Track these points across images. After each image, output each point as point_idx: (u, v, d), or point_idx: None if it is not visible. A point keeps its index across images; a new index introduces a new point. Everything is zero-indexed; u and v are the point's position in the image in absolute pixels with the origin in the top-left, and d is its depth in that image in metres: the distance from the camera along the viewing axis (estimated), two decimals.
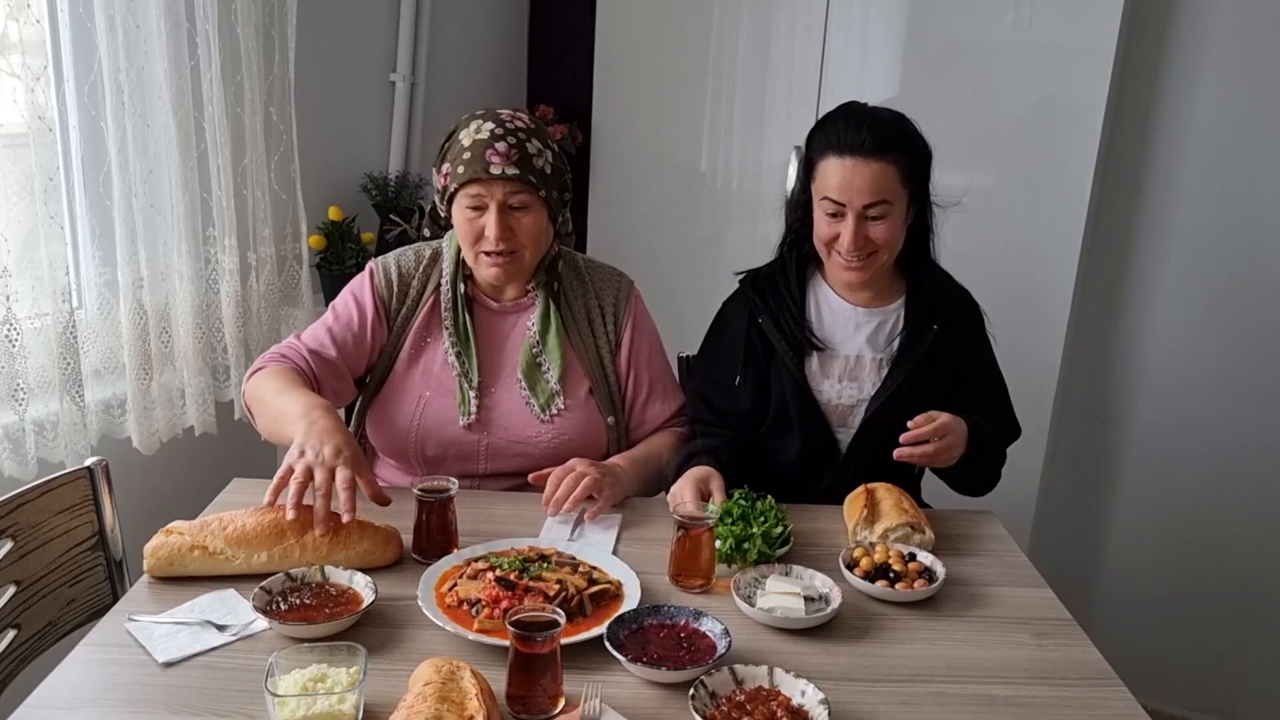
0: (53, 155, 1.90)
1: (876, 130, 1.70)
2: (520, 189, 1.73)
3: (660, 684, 1.25)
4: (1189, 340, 2.69)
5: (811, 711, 1.18)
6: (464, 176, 1.72)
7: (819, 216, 1.77)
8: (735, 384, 1.85)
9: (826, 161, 1.73)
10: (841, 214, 1.72)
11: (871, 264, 1.76)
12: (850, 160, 1.69)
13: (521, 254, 1.78)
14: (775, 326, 1.83)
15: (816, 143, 1.76)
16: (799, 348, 1.82)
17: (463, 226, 1.77)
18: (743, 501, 1.59)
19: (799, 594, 1.44)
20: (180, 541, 1.42)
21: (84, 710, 1.17)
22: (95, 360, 2.14)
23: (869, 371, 1.84)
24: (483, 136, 1.73)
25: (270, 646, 1.29)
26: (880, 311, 1.85)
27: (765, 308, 1.85)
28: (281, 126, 2.40)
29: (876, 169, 1.69)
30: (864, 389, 1.83)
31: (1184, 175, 2.61)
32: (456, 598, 1.38)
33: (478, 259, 1.79)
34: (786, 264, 1.88)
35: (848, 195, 1.70)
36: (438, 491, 1.53)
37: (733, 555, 1.51)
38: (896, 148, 1.71)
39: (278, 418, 1.64)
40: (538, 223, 1.78)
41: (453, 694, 1.12)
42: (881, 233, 1.73)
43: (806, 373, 1.83)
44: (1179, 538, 2.77)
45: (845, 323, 1.85)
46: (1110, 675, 1.34)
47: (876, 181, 1.69)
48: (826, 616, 1.40)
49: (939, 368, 1.82)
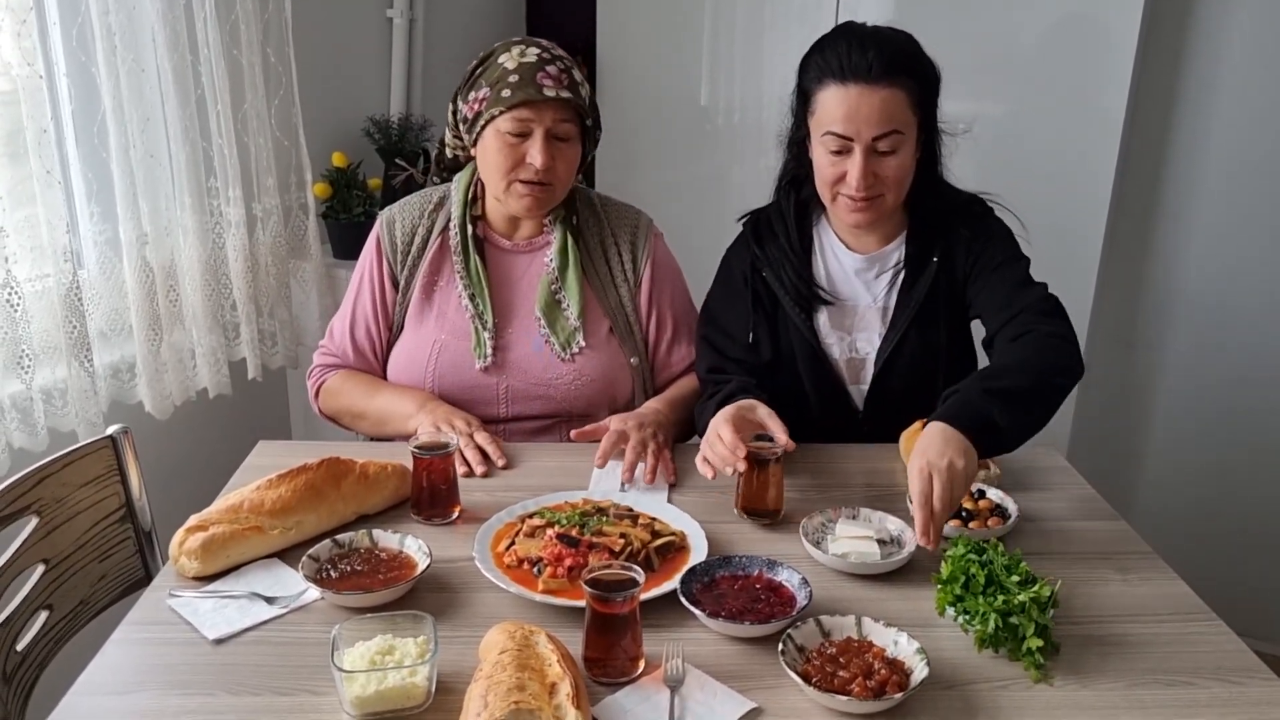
0: (42, 105, 1.78)
1: (883, 52, 1.51)
2: (567, 117, 1.67)
3: (740, 639, 1.19)
4: (1225, 258, 2.62)
5: (908, 662, 1.11)
6: (512, 99, 1.63)
7: (820, 155, 1.59)
8: (749, 338, 1.72)
9: (826, 91, 1.55)
10: (848, 149, 1.55)
11: (881, 204, 1.60)
12: (855, 87, 1.51)
13: (555, 187, 1.71)
14: (778, 280, 1.70)
15: (813, 70, 1.58)
16: (806, 303, 1.70)
17: (498, 154, 1.67)
18: (972, 555, 1.22)
19: (872, 537, 1.37)
20: (223, 531, 1.31)
21: (136, 694, 1.10)
22: (100, 322, 2.04)
23: (872, 320, 1.71)
24: (530, 60, 1.65)
25: (324, 618, 1.22)
26: (879, 255, 1.70)
27: (766, 258, 1.71)
28: (280, 68, 2.28)
29: (885, 95, 1.51)
30: (871, 340, 1.71)
31: (1219, 86, 2.52)
32: (516, 557, 1.31)
33: (509, 188, 1.70)
34: (785, 214, 1.73)
35: (854, 127, 1.52)
36: (437, 447, 1.45)
37: (999, 639, 1.16)
38: (905, 70, 1.53)
39: (386, 420, 1.75)
40: (576, 155, 1.72)
41: (531, 661, 1.05)
42: (892, 168, 1.56)
43: (816, 328, 1.71)
44: (1216, 463, 2.73)
45: (852, 271, 1.71)
46: (1204, 609, 1.29)
47: (886, 109, 1.52)
48: (902, 560, 1.34)
49: (944, 305, 1.67)
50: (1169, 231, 2.67)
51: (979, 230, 1.67)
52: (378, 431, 1.79)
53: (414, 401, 1.72)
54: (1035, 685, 1.13)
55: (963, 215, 1.69)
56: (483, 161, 1.72)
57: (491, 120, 1.67)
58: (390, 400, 1.75)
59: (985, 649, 1.17)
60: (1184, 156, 2.60)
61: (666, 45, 2.88)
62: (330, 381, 1.84)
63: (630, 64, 2.94)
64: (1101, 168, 2.48)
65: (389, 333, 1.84)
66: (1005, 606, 1.15)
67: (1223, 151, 2.56)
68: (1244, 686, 1.13)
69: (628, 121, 2.97)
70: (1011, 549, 1.31)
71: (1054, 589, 1.18)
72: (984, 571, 1.20)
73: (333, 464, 1.43)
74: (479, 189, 1.80)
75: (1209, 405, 2.72)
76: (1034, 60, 2.49)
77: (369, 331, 1.83)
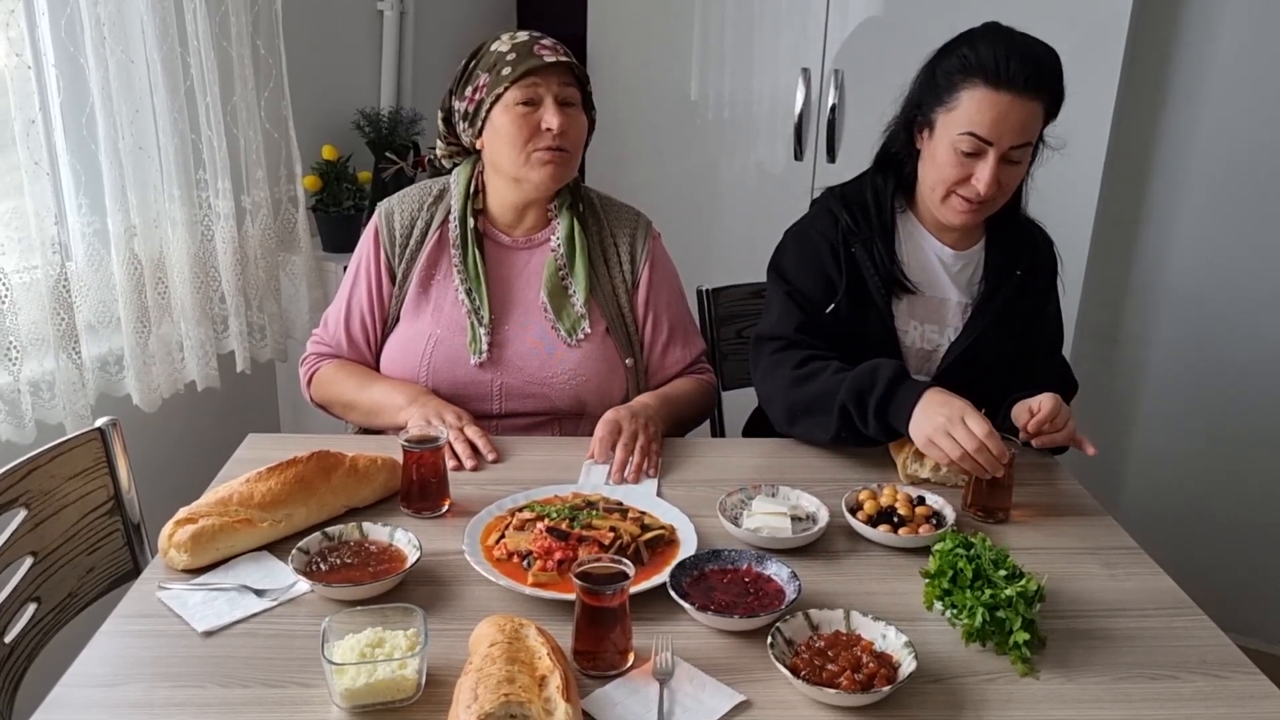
0: (30, 95, 1.77)
1: (1039, 65, 1.53)
2: (571, 81, 1.70)
3: (730, 632, 1.20)
4: (1210, 255, 2.64)
5: (896, 655, 1.12)
6: (516, 72, 1.66)
7: (946, 151, 1.58)
8: (829, 307, 1.70)
9: (974, 91, 1.54)
10: (982, 153, 1.56)
11: (989, 209, 1.63)
12: (1007, 95, 1.52)
13: (571, 154, 1.73)
14: (869, 256, 1.69)
15: (956, 64, 1.57)
16: (890, 286, 1.70)
17: (512, 126, 1.68)
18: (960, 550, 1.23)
19: (786, 513, 1.40)
20: (212, 524, 1.31)
21: (126, 686, 1.09)
22: (88, 315, 2.03)
23: (953, 316, 1.74)
24: (522, 39, 1.70)
25: (313, 610, 1.22)
26: (965, 254, 1.74)
27: (858, 233, 1.70)
28: (270, 60, 2.27)
29: (1032, 108, 1.54)
30: (945, 333, 1.74)
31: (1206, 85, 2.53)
32: (505, 550, 1.31)
33: (529, 160, 1.70)
34: (879, 194, 1.72)
35: (998, 133, 1.53)
36: (426, 441, 1.45)
37: (986, 633, 1.18)
38: (1048, 87, 1.56)
39: (376, 411, 1.75)
40: (584, 124, 1.75)
41: (521, 654, 1.06)
42: (1014, 176, 1.60)
43: (895, 313, 1.71)
44: (1202, 459, 2.75)
45: (934, 263, 1.73)
46: (1188, 604, 1.30)
47: (1029, 121, 1.54)
48: (813, 536, 1.38)
49: (1017, 316, 1.73)
50: (1155, 228, 2.69)
51: (1055, 276, 1.80)
52: (368, 423, 1.79)
53: (405, 394, 1.72)
54: (1022, 678, 1.14)
55: (1044, 251, 1.79)
56: (494, 144, 1.71)
57: (498, 99, 1.68)
58: (382, 392, 1.75)
59: (973, 642, 1.18)
60: (1171, 154, 2.62)
61: (657, 39, 2.88)
62: (323, 371, 1.84)
63: (620, 58, 2.93)
64: (1089, 165, 2.49)
65: (384, 325, 1.83)
66: (992, 600, 1.16)
67: (1209, 150, 2.57)
68: (1228, 680, 1.14)
69: (618, 116, 2.96)
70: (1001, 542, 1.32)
71: (1040, 583, 1.19)
72: (971, 566, 1.20)
73: (322, 457, 1.42)
74: (479, 182, 1.80)
75: (1195, 401, 2.74)
76: None
77: (364, 323, 1.83)
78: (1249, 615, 2.69)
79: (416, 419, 1.64)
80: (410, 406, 1.69)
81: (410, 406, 1.69)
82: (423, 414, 1.66)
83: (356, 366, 1.83)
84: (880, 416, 1.53)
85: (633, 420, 1.63)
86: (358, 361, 1.84)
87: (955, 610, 1.20)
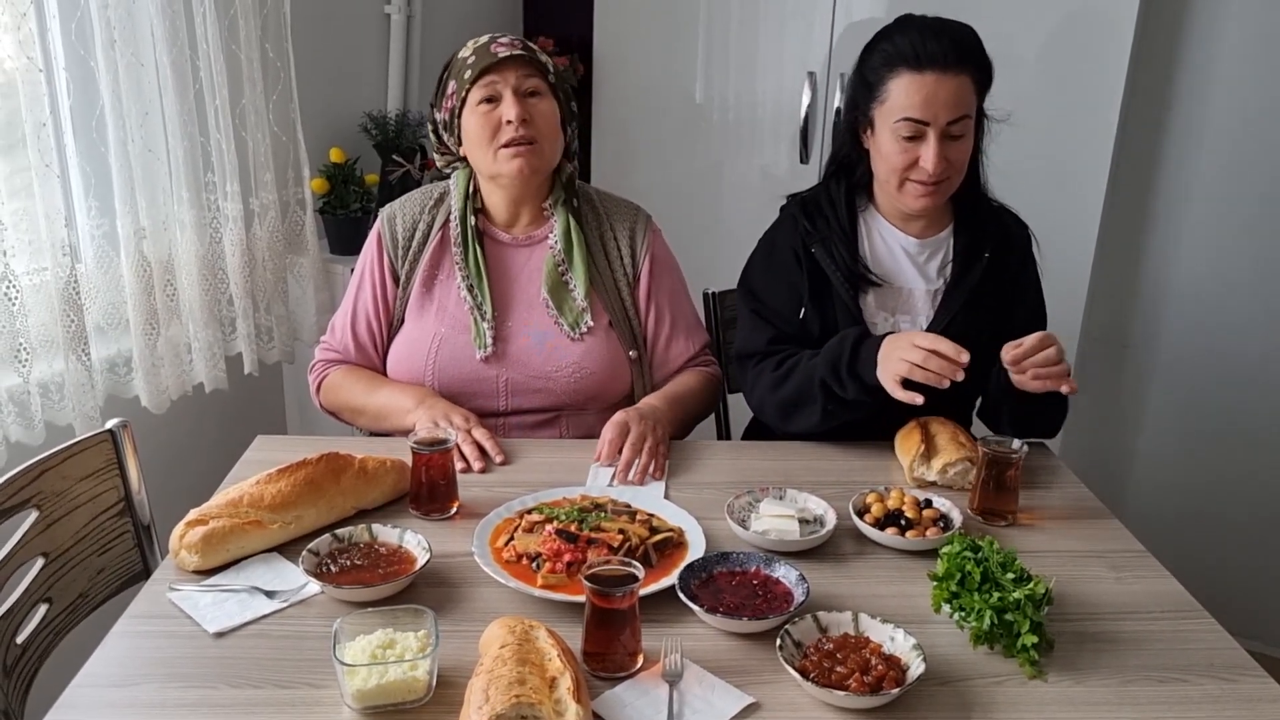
0: (41, 98, 1.78)
1: (956, 41, 1.60)
2: (531, 72, 1.72)
3: (738, 634, 1.20)
4: (1216, 259, 2.64)
5: (904, 657, 1.12)
6: (473, 75, 1.71)
7: (889, 141, 1.63)
8: (799, 315, 1.74)
9: (899, 79, 1.60)
10: (921, 134, 1.60)
11: (947, 188, 1.66)
12: (932, 74, 1.57)
13: (540, 145, 1.73)
14: (829, 256, 1.73)
15: (879, 60, 1.63)
16: (854, 281, 1.73)
17: (479, 128, 1.72)
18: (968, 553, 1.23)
19: (793, 516, 1.40)
20: (223, 525, 1.31)
21: (138, 686, 1.10)
22: (97, 316, 2.04)
23: (922, 304, 1.75)
24: (482, 41, 1.74)
25: (324, 612, 1.23)
26: (932, 241, 1.76)
27: (818, 235, 1.74)
28: (279, 64, 2.28)
29: (960, 82, 1.59)
30: (917, 321, 1.75)
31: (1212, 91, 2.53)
32: (514, 552, 1.32)
33: (497, 156, 1.72)
34: (834, 197, 1.77)
35: (932, 112, 1.58)
36: (435, 443, 1.46)
37: (995, 635, 1.18)
38: (972, 60, 1.61)
39: (385, 415, 1.76)
40: (552, 111, 1.75)
41: (531, 655, 1.06)
42: (960, 152, 1.64)
43: (862, 307, 1.74)
44: (1208, 462, 2.75)
45: (899, 254, 1.76)
46: (1196, 607, 1.30)
47: (960, 94, 1.59)
48: (822, 538, 1.39)
49: (990, 296, 1.74)
50: (1161, 232, 2.68)
51: (1029, 254, 1.79)
52: (377, 427, 1.80)
53: (412, 397, 1.73)
54: (1030, 681, 1.14)
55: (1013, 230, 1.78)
56: (470, 147, 1.75)
57: (464, 103, 1.72)
58: (388, 396, 1.76)
59: (980, 645, 1.19)
60: (1177, 158, 2.62)
61: (662, 42, 2.89)
62: (331, 377, 1.85)
63: (626, 61, 2.94)
64: (1095, 169, 2.49)
65: (390, 327, 1.84)
66: (1000, 603, 1.16)
67: (1215, 153, 2.57)
68: (1235, 684, 1.15)
69: (623, 118, 2.98)
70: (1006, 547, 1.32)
71: (1048, 586, 1.19)
72: (979, 569, 1.21)
73: (332, 459, 1.43)
74: (478, 182, 1.82)
75: (1202, 404, 2.73)
76: (1029, 62, 2.50)
77: (370, 326, 1.84)
78: (1257, 619, 2.69)
79: (424, 421, 1.65)
80: (418, 409, 1.70)
81: (418, 409, 1.70)
82: (430, 416, 1.67)
83: (363, 371, 1.84)
84: (854, 376, 1.59)
85: (640, 422, 1.64)
86: (366, 365, 1.85)
87: (963, 613, 1.20)
